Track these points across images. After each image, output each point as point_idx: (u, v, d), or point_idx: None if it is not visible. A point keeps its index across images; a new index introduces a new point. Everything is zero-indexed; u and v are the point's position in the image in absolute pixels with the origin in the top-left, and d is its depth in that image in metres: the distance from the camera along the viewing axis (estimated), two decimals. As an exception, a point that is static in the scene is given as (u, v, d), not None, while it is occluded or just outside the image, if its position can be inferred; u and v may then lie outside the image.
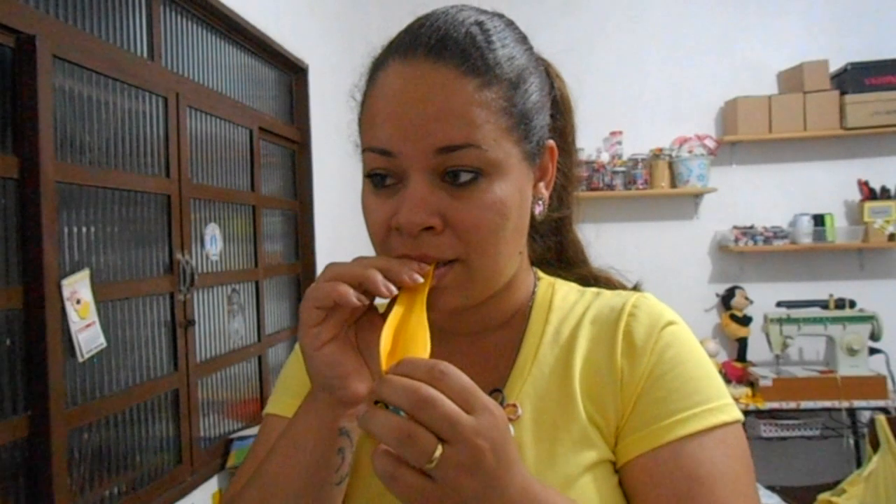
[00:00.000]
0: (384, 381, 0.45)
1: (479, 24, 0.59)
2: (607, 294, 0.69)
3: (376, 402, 0.46)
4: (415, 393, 0.44)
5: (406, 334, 0.53)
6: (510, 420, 0.61)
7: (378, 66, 0.61)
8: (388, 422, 0.44)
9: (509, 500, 0.47)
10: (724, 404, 0.60)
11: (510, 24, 0.64)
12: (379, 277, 0.53)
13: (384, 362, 0.50)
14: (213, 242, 2.09)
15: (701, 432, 0.58)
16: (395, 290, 0.54)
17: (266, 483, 0.59)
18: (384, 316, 0.54)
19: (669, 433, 0.58)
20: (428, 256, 0.56)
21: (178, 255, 1.86)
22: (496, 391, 0.64)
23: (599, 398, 0.62)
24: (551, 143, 0.65)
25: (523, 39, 0.64)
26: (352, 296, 0.52)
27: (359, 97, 0.64)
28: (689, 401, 0.59)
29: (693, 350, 0.63)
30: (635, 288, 0.75)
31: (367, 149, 0.59)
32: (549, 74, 0.68)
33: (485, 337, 0.68)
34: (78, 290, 1.42)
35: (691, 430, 0.58)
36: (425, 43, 0.57)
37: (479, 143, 0.55)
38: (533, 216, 0.65)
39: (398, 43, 0.60)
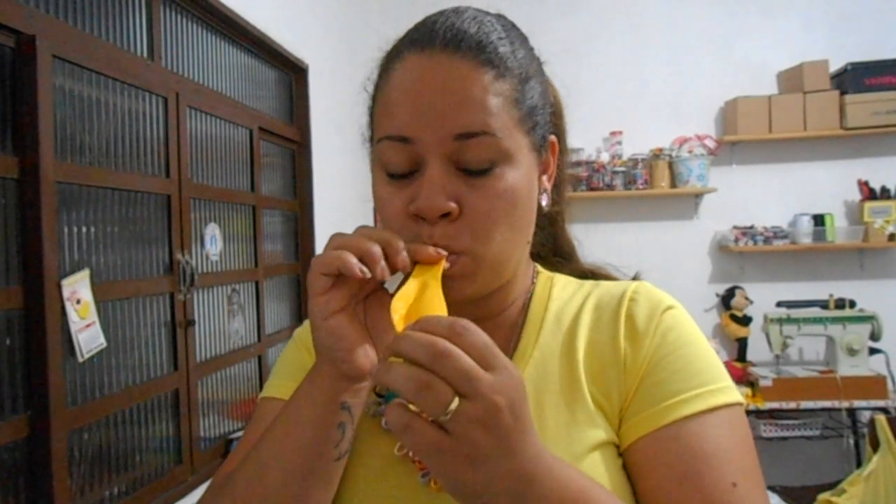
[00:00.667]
0: (402, 335, 0.45)
1: (490, 22, 0.62)
2: (606, 283, 0.71)
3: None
4: (433, 346, 0.44)
5: (421, 304, 0.53)
6: None
7: (393, 58, 0.62)
8: (404, 371, 0.44)
9: (522, 463, 0.47)
10: (725, 386, 0.61)
11: (514, 25, 0.66)
12: (378, 259, 0.53)
13: (398, 324, 0.49)
14: (213, 242, 2.09)
15: (703, 412, 0.59)
16: (388, 276, 0.54)
17: (264, 457, 0.59)
18: (394, 295, 0.54)
19: (672, 413, 0.59)
20: (439, 246, 0.57)
21: (178, 255, 1.86)
22: None
23: (603, 381, 0.63)
24: (553, 138, 0.67)
25: (526, 40, 0.66)
26: (355, 266, 0.52)
27: (371, 89, 0.65)
28: (691, 382, 0.60)
29: (694, 333, 0.64)
30: (635, 278, 0.77)
31: (383, 137, 0.60)
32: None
33: (483, 323, 0.68)
34: (78, 290, 1.42)
35: (694, 410, 0.59)
36: (442, 36, 0.59)
37: (495, 131, 0.57)
38: (540, 207, 0.66)
39: (413, 37, 0.61)
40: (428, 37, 0.59)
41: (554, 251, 0.80)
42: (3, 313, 1.30)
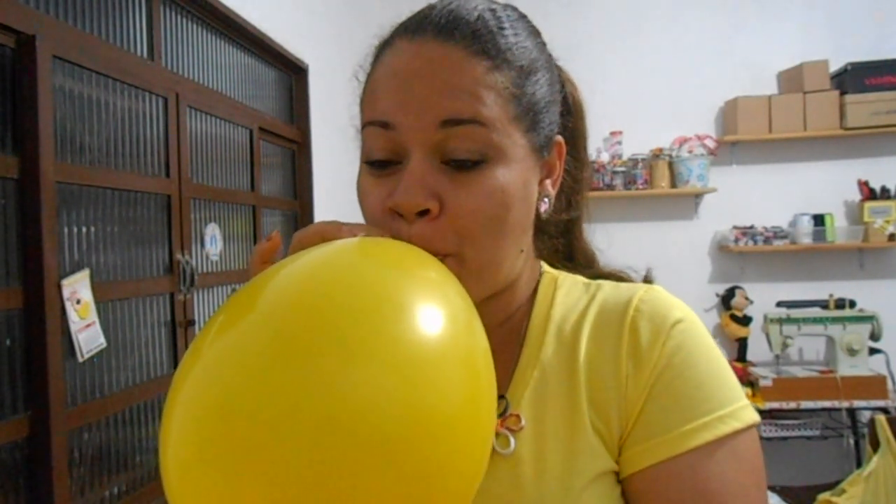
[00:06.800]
0: None
1: (492, 10, 0.57)
2: (612, 285, 0.64)
3: None
4: None
5: None
6: (513, 431, 0.57)
7: (384, 45, 0.59)
8: None
9: None
10: (737, 409, 0.55)
11: (523, 16, 0.61)
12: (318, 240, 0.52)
13: None
14: (213, 242, 2.09)
15: (711, 443, 0.54)
16: None
17: None
18: None
19: (678, 445, 0.54)
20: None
21: (178, 255, 1.86)
22: (500, 398, 0.59)
23: (602, 405, 0.57)
24: (559, 139, 0.62)
25: (536, 33, 0.62)
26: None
27: (362, 77, 0.61)
28: (699, 409, 0.55)
29: (705, 349, 0.58)
30: (645, 279, 0.70)
31: (366, 123, 0.56)
32: (560, 76, 0.66)
33: (489, 333, 0.65)
34: (78, 290, 1.42)
35: (701, 441, 0.54)
36: (435, 23, 0.55)
37: (485, 121, 0.53)
38: (538, 215, 0.61)
39: (406, 23, 0.58)
40: (421, 23, 0.56)
41: (566, 259, 0.73)
42: (3, 313, 1.30)
